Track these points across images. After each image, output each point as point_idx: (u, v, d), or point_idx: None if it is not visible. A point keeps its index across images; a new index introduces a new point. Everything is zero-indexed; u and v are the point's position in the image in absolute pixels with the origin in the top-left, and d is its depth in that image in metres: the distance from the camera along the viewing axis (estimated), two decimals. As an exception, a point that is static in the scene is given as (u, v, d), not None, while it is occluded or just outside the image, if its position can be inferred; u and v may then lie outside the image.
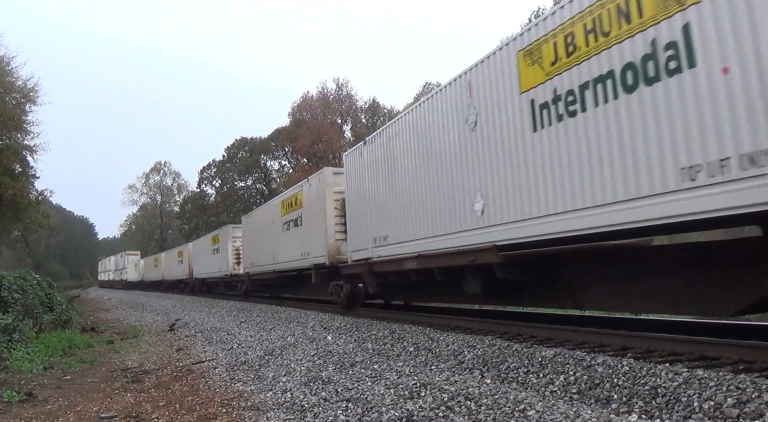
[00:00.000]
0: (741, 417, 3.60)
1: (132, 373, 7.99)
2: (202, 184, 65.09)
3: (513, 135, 7.06)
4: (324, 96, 53.88)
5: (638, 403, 4.25)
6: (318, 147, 50.22)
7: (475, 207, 7.93)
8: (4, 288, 12.24)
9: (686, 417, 3.84)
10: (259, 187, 61.51)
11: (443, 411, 4.48)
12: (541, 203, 6.57)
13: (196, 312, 19.12)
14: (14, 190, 27.55)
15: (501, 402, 4.46)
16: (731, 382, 3.99)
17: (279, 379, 6.49)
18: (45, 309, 14.06)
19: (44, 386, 7.28)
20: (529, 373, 5.48)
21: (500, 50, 7.40)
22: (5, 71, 28.00)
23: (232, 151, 61.89)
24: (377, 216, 11.24)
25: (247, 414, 5.23)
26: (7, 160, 28.20)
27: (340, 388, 5.57)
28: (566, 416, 3.93)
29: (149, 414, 5.55)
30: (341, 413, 4.75)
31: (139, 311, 23.49)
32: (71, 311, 16.36)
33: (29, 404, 6.24)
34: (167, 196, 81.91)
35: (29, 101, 29.06)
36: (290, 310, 14.80)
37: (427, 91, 49.58)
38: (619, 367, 4.85)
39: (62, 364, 8.97)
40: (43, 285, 15.85)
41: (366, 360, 6.91)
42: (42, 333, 11.66)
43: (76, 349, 10.70)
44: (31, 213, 30.44)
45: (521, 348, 6.17)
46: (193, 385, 6.87)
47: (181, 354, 9.75)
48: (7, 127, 28.06)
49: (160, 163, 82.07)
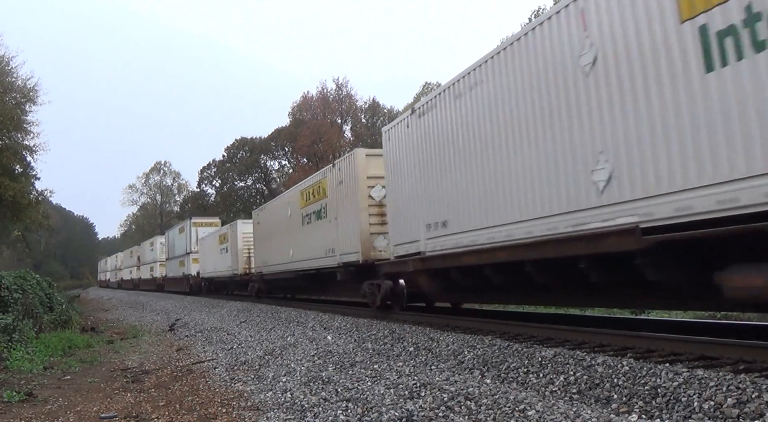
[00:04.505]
0: (741, 417, 3.60)
1: (132, 373, 7.99)
2: (202, 183, 65.17)
3: (671, 77, 5.15)
4: (324, 96, 53.88)
5: (638, 403, 4.25)
6: (318, 147, 50.20)
7: (595, 176, 6.04)
8: (4, 288, 12.23)
9: (686, 417, 3.84)
10: (259, 186, 61.51)
11: (443, 411, 4.48)
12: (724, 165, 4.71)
13: (196, 312, 19.12)
14: (14, 191, 27.51)
15: (501, 402, 4.46)
16: (731, 382, 3.98)
17: (279, 379, 6.49)
18: (45, 309, 14.06)
19: (44, 386, 7.28)
20: (529, 373, 5.48)
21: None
22: (5, 71, 27.95)
23: (232, 151, 61.90)
24: (433, 201, 9.27)
25: (247, 414, 5.23)
26: (7, 160, 28.17)
27: (340, 388, 5.57)
28: (566, 416, 3.93)
29: (149, 414, 5.55)
30: (341, 413, 4.75)
31: (139, 311, 23.49)
32: (71, 311, 16.37)
33: (29, 404, 6.24)
34: (167, 195, 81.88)
35: (29, 101, 29.01)
36: (290, 310, 14.78)
37: (427, 91, 49.63)
38: (619, 367, 4.85)
39: (62, 364, 8.97)
40: (43, 285, 15.83)
41: (366, 360, 6.91)
42: (42, 333, 11.66)
43: (76, 349, 10.71)
44: (31, 214, 30.40)
45: (521, 348, 6.17)
46: (193, 385, 6.87)
47: (181, 354, 9.75)
48: (6, 127, 28.02)
49: (160, 162, 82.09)
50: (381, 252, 11.74)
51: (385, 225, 11.59)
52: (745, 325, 7.21)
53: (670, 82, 5.17)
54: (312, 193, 15.26)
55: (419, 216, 9.66)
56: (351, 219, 12.44)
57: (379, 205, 11.91)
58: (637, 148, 5.52)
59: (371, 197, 12.00)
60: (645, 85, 5.43)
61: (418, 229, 9.68)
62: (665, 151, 5.23)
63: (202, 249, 29.72)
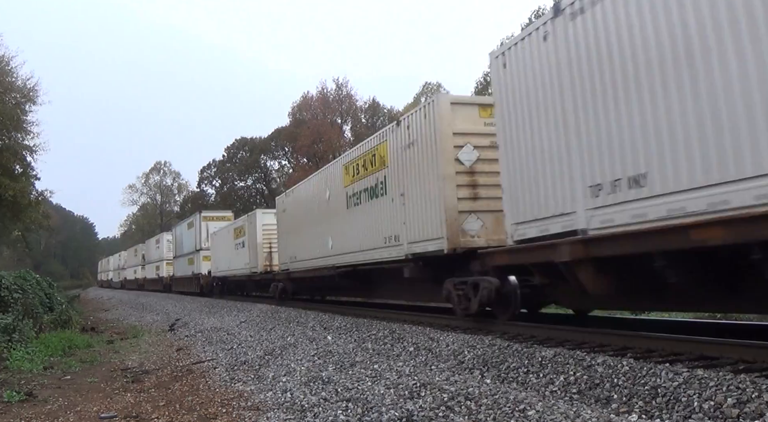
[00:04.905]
0: (741, 417, 3.60)
1: (132, 373, 7.99)
2: (202, 183, 65.24)
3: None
4: (324, 96, 53.88)
5: (638, 403, 4.26)
6: (318, 147, 50.21)
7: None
8: (4, 288, 12.24)
9: (686, 417, 3.84)
10: (259, 186, 61.56)
11: (443, 411, 4.48)
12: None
13: (196, 312, 19.12)
14: (14, 191, 27.52)
15: (501, 402, 4.46)
16: (731, 382, 3.99)
17: (279, 379, 6.49)
18: (45, 309, 14.08)
19: (44, 386, 7.28)
20: (529, 373, 5.48)
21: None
22: (5, 71, 27.96)
23: (232, 151, 61.95)
24: (608, 149, 5.87)
25: (247, 414, 5.23)
26: (6, 160, 28.18)
27: (340, 388, 5.57)
28: (566, 416, 3.93)
29: (149, 414, 5.55)
30: (341, 413, 4.76)
31: (139, 311, 23.49)
32: (71, 311, 16.37)
33: (29, 404, 6.24)
34: (167, 195, 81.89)
35: (29, 101, 29.03)
36: (290, 310, 14.77)
37: (427, 91, 49.67)
38: (619, 367, 4.85)
39: (62, 364, 8.97)
40: (43, 285, 15.87)
41: (366, 360, 6.91)
42: (42, 333, 11.66)
43: (76, 349, 10.71)
44: (31, 214, 30.41)
45: (521, 348, 6.17)
46: (193, 385, 6.87)
47: (181, 354, 9.75)
48: (6, 127, 28.03)
49: (160, 162, 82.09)
50: (474, 239, 8.74)
51: (478, 201, 8.82)
52: (745, 325, 7.22)
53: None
54: (362, 164, 11.85)
55: (573, 176, 6.38)
56: (429, 193, 9.27)
57: (470, 172, 8.83)
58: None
59: (459, 162, 8.82)
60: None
61: (571, 196, 6.42)
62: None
63: (213, 245, 27.29)
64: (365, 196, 11.76)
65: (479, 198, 8.85)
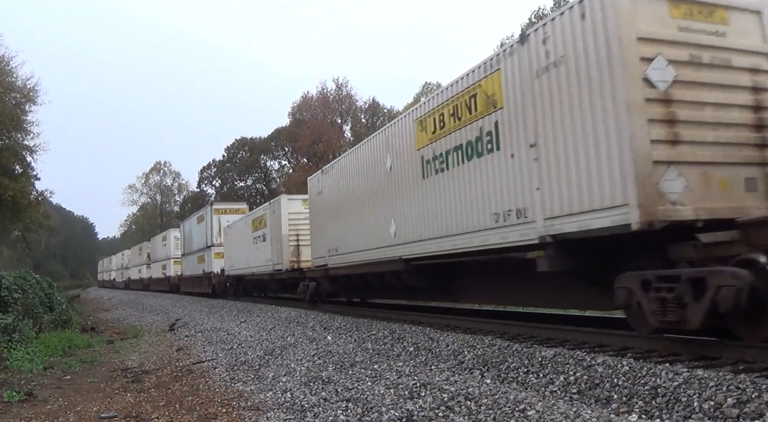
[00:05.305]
0: (741, 417, 3.60)
1: (132, 373, 7.99)
2: (202, 183, 65.21)
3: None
4: (324, 96, 53.87)
5: (638, 403, 4.26)
6: (318, 147, 50.19)
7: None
8: (4, 288, 12.23)
9: (686, 417, 3.85)
10: (259, 186, 61.55)
11: (443, 411, 4.48)
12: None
13: (196, 312, 19.11)
14: (14, 191, 27.53)
15: (501, 402, 4.46)
16: (731, 382, 3.99)
17: (279, 379, 6.49)
18: (45, 309, 14.07)
19: (44, 386, 7.28)
20: (529, 373, 5.48)
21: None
22: (5, 71, 27.97)
23: (232, 151, 61.94)
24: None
25: (247, 414, 5.23)
26: (6, 160, 28.20)
27: (340, 388, 5.57)
28: (566, 416, 3.93)
29: (149, 414, 5.55)
30: (341, 413, 4.76)
31: (139, 311, 23.49)
32: (71, 311, 16.37)
33: (29, 404, 6.24)
34: (167, 195, 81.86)
35: (29, 101, 29.05)
36: (290, 310, 14.77)
37: (426, 91, 49.61)
38: (619, 367, 4.85)
39: (62, 364, 8.97)
40: (43, 285, 15.85)
41: (366, 360, 6.91)
42: (42, 333, 11.66)
43: (76, 349, 10.71)
44: (31, 214, 30.42)
45: (521, 348, 6.17)
46: (193, 385, 6.87)
47: (181, 354, 9.75)
48: (6, 127, 28.04)
49: (160, 162, 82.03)
50: (677, 207, 5.50)
51: (679, 147, 5.63)
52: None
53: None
54: (450, 113, 8.57)
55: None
56: (592, 137, 5.93)
57: (665, 100, 5.66)
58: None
59: (649, 83, 5.63)
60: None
61: None
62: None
63: (227, 240, 24.04)
64: (457, 156, 8.44)
65: (680, 141, 5.66)
